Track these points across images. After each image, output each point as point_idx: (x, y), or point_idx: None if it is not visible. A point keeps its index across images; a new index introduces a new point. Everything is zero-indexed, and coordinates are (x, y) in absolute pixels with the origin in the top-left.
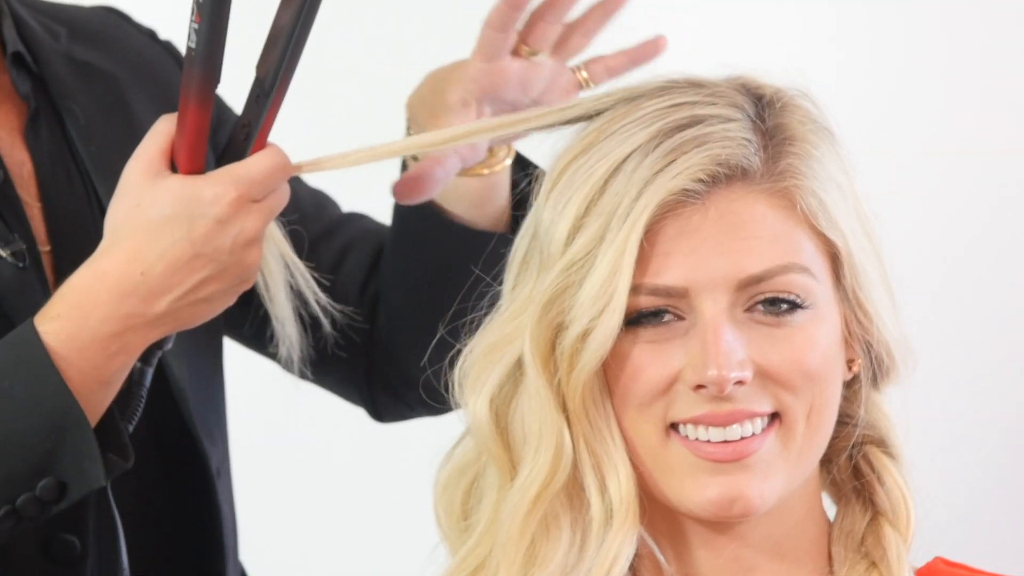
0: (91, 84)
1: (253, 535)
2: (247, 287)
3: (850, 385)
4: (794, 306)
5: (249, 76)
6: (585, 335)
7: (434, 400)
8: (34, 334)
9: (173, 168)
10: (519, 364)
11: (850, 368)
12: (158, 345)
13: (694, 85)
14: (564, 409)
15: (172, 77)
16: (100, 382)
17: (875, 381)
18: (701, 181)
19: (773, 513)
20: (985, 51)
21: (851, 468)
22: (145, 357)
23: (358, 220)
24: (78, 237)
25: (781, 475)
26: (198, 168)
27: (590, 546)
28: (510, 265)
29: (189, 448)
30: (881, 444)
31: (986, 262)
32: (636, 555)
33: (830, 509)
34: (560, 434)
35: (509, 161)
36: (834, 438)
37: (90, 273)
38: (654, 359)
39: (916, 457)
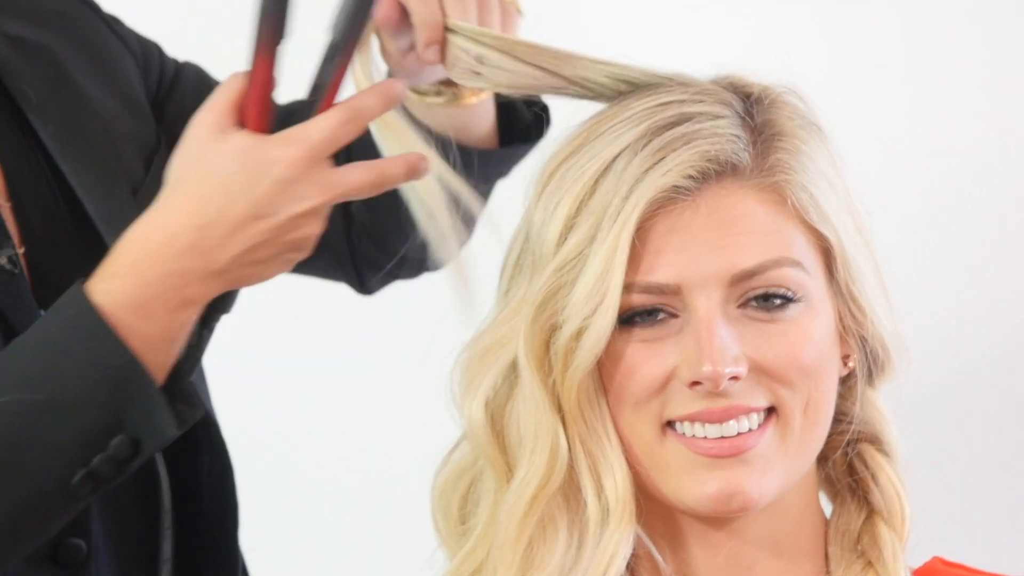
0: (32, 60)
1: (250, 541)
2: (302, 256)
3: (845, 382)
4: (787, 300)
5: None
6: (579, 334)
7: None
8: (84, 298)
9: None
10: (514, 366)
11: (845, 364)
12: (219, 309)
13: (682, 84)
14: (559, 410)
15: (99, 35)
16: (165, 339)
17: (870, 377)
18: (691, 178)
19: (771, 510)
20: (982, 46)
21: (846, 465)
22: (204, 320)
23: None
24: (49, 234)
25: (779, 470)
26: (265, 126)
27: (587, 546)
28: (503, 269)
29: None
30: (875, 441)
31: (980, 257)
32: (633, 555)
33: (827, 507)
34: (556, 435)
35: (482, 97)
36: (830, 435)
37: (149, 225)
38: (648, 357)
39: (913, 455)
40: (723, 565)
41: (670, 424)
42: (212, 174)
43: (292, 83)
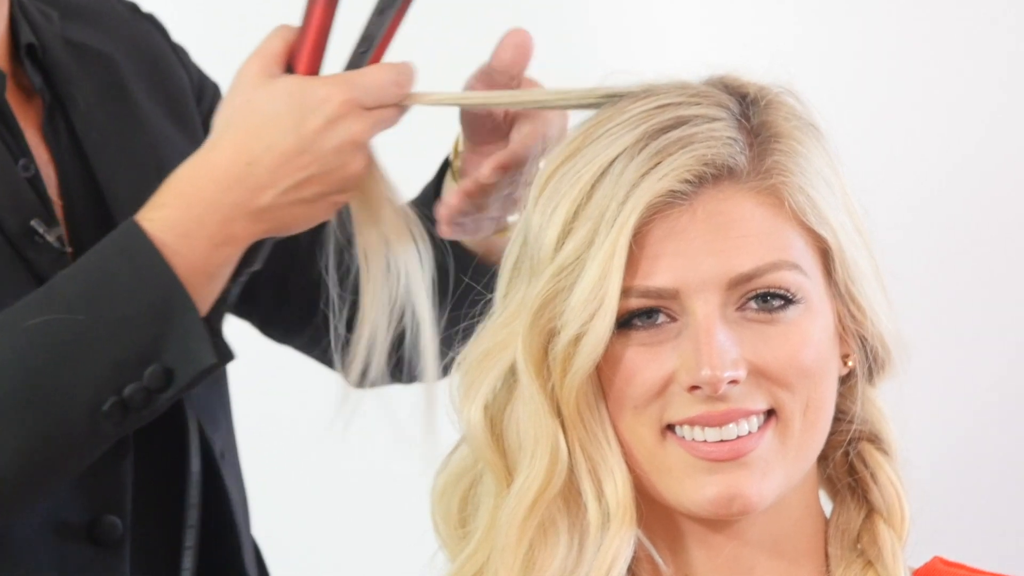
0: (89, 67)
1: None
2: (345, 199)
3: (845, 381)
4: (786, 302)
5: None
6: (577, 339)
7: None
8: (135, 224)
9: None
10: (512, 370)
11: (845, 363)
12: (248, 262)
13: (678, 86)
14: (559, 414)
15: (161, 52)
16: (206, 274)
17: (870, 376)
18: (688, 182)
19: (771, 511)
20: (981, 44)
21: (846, 465)
22: (234, 273)
23: None
24: (95, 237)
25: (779, 472)
26: (315, 71)
27: (588, 550)
28: (501, 272)
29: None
30: (875, 440)
31: (980, 255)
32: (634, 558)
33: (826, 506)
34: (555, 439)
35: None
36: (830, 435)
37: (197, 163)
38: (648, 361)
39: (912, 454)
40: (724, 567)
41: (670, 428)
42: (260, 113)
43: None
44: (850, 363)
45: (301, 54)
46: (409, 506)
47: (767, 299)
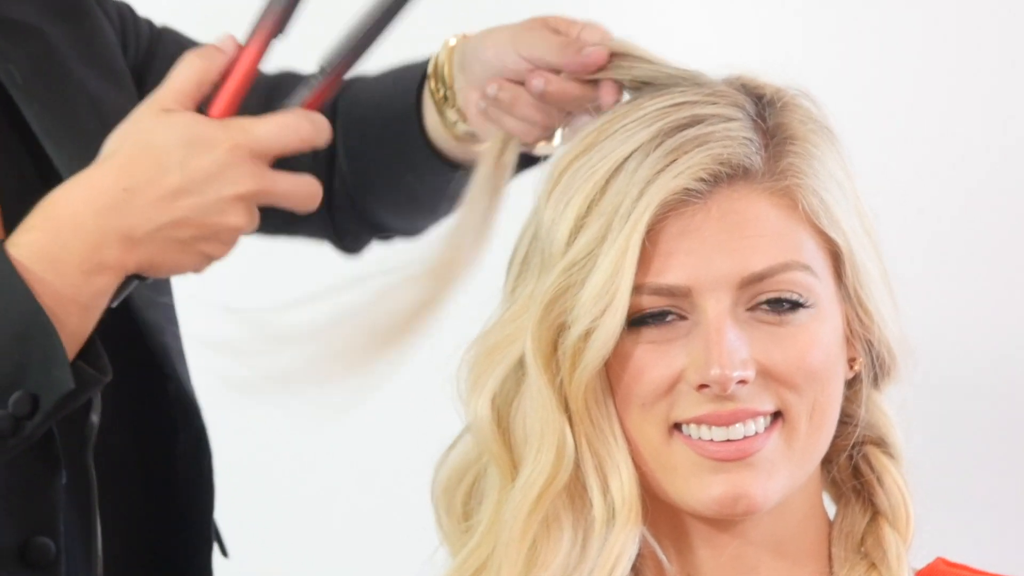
0: (22, 42)
1: (247, 539)
2: (220, 254)
3: (851, 384)
4: (796, 304)
5: None
6: (587, 335)
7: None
8: (1, 249)
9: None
10: (520, 364)
11: (851, 367)
12: (128, 284)
13: (695, 84)
14: (566, 409)
15: (96, 23)
16: (77, 304)
17: (876, 380)
18: (703, 180)
19: (775, 512)
20: (992, 49)
21: (851, 468)
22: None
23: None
24: None
25: (784, 473)
26: (230, 115)
27: (592, 546)
28: (510, 266)
29: (174, 396)
30: (880, 444)
31: (986, 260)
32: (638, 555)
33: (830, 509)
34: (562, 434)
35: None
36: (835, 437)
37: (75, 184)
38: (657, 359)
39: (916, 457)
40: (727, 566)
41: (677, 426)
42: (149, 143)
43: None
44: (856, 367)
45: (218, 97)
46: (410, 502)
47: (778, 302)
